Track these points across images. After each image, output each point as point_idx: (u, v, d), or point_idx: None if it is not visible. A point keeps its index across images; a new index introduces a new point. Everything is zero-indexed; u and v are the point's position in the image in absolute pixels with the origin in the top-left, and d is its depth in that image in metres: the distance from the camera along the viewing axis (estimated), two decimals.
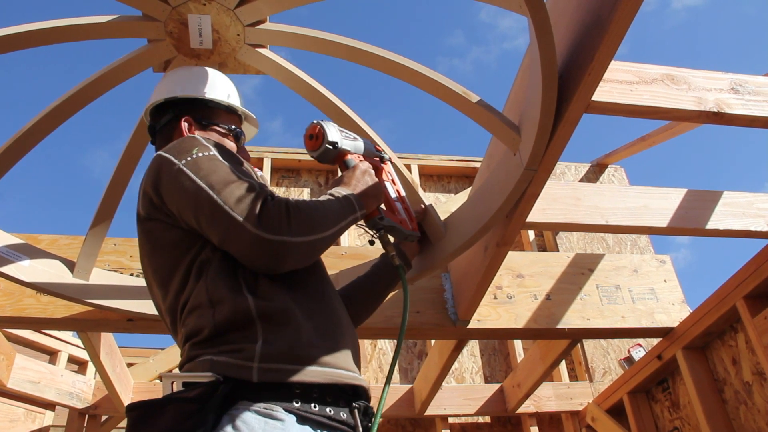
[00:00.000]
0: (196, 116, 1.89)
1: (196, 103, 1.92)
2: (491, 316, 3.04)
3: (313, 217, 1.49)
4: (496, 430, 4.43)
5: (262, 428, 1.24)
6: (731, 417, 3.08)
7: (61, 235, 3.07)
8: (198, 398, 1.25)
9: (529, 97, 2.03)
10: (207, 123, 1.90)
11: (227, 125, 1.94)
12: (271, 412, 1.27)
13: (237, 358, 1.32)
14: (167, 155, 1.58)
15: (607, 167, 5.63)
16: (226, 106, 1.97)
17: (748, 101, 2.23)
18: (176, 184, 1.50)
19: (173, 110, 1.92)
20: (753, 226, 2.93)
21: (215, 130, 1.91)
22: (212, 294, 1.41)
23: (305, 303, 1.48)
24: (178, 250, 1.52)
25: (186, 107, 1.91)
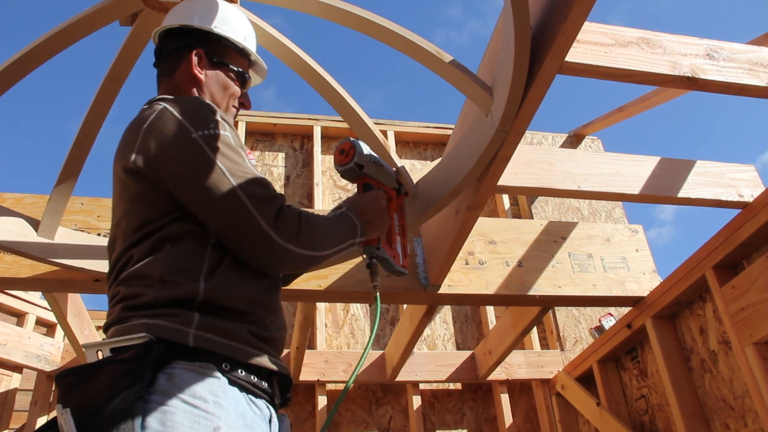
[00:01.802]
0: (208, 50, 1.81)
1: (210, 38, 1.83)
2: (462, 281, 3.04)
3: (320, 235, 1.52)
4: (467, 397, 4.46)
5: (199, 385, 1.24)
6: (697, 385, 3.12)
7: (27, 194, 2.99)
8: (133, 358, 1.23)
9: (502, 58, 2.00)
10: (217, 60, 1.82)
11: (237, 67, 1.86)
12: (207, 371, 1.28)
13: (173, 322, 1.31)
14: (183, 119, 1.50)
15: (584, 138, 5.62)
16: (240, 48, 1.88)
17: (723, 67, 2.22)
18: (188, 156, 1.45)
19: (185, 39, 1.82)
20: (724, 195, 2.95)
21: (224, 69, 1.83)
22: (165, 273, 1.38)
23: (256, 297, 1.47)
24: (152, 211, 1.48)
25: (199, 39, 1.82)
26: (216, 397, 1.25)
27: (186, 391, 1.22)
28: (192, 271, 1.39)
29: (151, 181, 1.47)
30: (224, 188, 1.42)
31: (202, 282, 1.38)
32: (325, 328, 4.48)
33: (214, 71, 1.81)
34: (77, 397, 1.20)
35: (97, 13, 2.15)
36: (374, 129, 2.49)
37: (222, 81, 1.81)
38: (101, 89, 2.33)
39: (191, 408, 1.21)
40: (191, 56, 1.78)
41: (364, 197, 1.82)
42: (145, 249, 1.43)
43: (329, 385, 4.21)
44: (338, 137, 5.38)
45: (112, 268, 1.51)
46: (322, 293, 2.91)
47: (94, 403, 1.18)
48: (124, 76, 2.32)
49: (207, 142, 1.47)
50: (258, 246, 1.42)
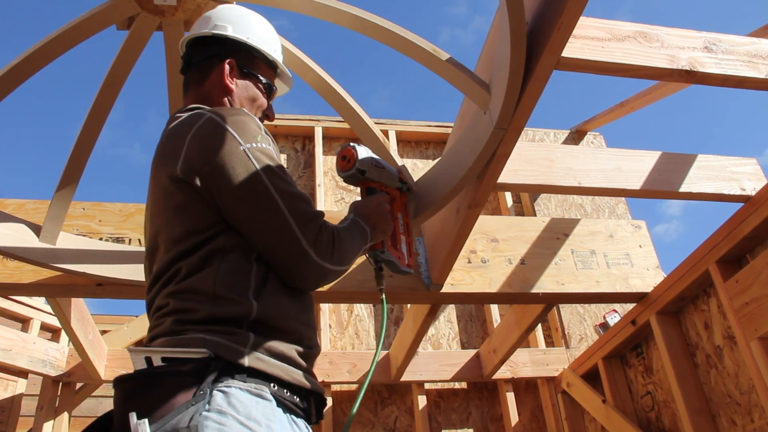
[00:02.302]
0: (239, 61, 1.80)
1: (242, 48, 1.81)
2: (465, 280, 3.03)
3: (348, 250, 1.58)
4: (472, 396, 4.45)
5: (253, 406, 1.27)
6: (702, 381, 3.11)
7: (29, 200, 3.00)
8: (194, 372, 1.25)
9: (499, 55, 1.99)
10: (248, 71, 1.81)
11: (266, 79, 1.85)
12: (261, 392, 1.30)
13: (230, 341, 1.32)
14: (231, 131, 1.50)
15: (586, 134, 5.60)
16: (270, 60, 1.87)
17: (722, 60, 2.21)
18: (237, 170, 1.46)
19: (217, 47, 1.81)
20: (726, 189, 2.93)
21: (253, 81, 1.82)
22: (218, 289, 1.39)
23: (299, 315, 1.50)
24: (197, 221, 1.47)
25: (231, 48, 1.80)
26: (268, 421, 1.27)
27: (242, 412, 1.24)
28: (242, 287, 1.41)
29: (196, 190, 1.47)
30: (270, 206, 1.45)
31: (252, 300, 1.40)
32: (330, 329, 4.47)
33: (244, 82, 1.80)
34: (141, 404, 1.21)
35: (93, 18, 2.15)
36: (375, 129, 2.49)
37: (251, 92, 1.80)
38: (100, 93, 2.34)
39: (246, 429, 1.22)
40: (223, 65, 1.77)
41: (368, 202, 1.84)
42: (195, 262, 1.43)
43: (334, 386, 4.21)
44: (339, 138, 5.38)
45: (157, 278, 1.50)
46: (326, 294, 2.91)
47: (158, 412, 1.19)
48: (123, 80, 2.33)
49: (255, 156, 1.48)
50: (297, 264, 1.46)
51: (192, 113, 1.61)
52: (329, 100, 2.43)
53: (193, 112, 1.62)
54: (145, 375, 1.27)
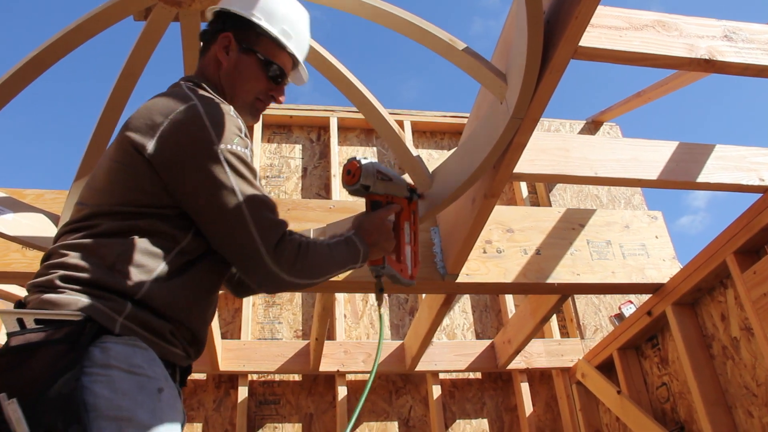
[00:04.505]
0: (239, 35, 1.75)
1: (245, 24, 1.76)
2: (480, 270, 3.03)
3: (318, 265, 1.59)
4: (487, 386, 4.46)
5: (132, 354, 1.31)
6: (718, 372, 3.09)
7: (47, 190, 3.03)
8: (67, 338, 1.26)
9: (516, 44, 1.98)
10: (246, 47, 1.75)
11: (265, 56, 1.77)
12: (137, 343, 1.34)
13: (106, 306, 1.33)
14: (210, 126, 1.49)
15: (602, 124, 5.57)
16: (274, 39, 1.78)
17: (742, 49, 2.19)
18: (205, 167, 1.46)
19: (223, 22, 1.78)
20: (744, 179, 2.90)
21: (252, 57, 1.76)
22: (119, 263, 1.39)
23: (193, 309, 1.50)
24: (142, 197, 1.47)
25: (235, 24, 1.76)
26: (150, 365, 1.33)
27: (124, 361, 1.28)
28: (144, 269, 1.40)
29: (157, 173, 1.46)
30: (233, 208, 1.45)
31: (148, 282, 1.39)
32: (345, 318, 4.49)
33: (241, 57, 1.76)
34: (15, 380, 1.21)
35: (111, 9, 2.17)
36: (390, 120, 2.49)
37: (244, 68, 1.76)
38: (117, 84, 2.35)
39: (133, 375, 1.28)
40: (219, 38, 1.76)
41: (372, 219, 1.86)
42: (115, 227, 1.44)
43: (349, 375, 4.23)
44: (355, 128, 5.39)
45: (72, 223, 1.50)
46: (341, 284, 2.92)
47: (34, 387, 1.19)
48: (140, 71, 2.34)
49: (226, 157, 1.47)
50: (253, 269, 1.50)
51: (181, 90, 1.61)
52: (344, 91, 2.43)
53: (181, 90, 1.61)
54: (17, 350, 1.25)
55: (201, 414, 4.02)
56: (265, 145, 5.17)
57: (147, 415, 1.26)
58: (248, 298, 4.33)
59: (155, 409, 1.28)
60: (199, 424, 3.98)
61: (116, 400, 1.23)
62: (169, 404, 1.34)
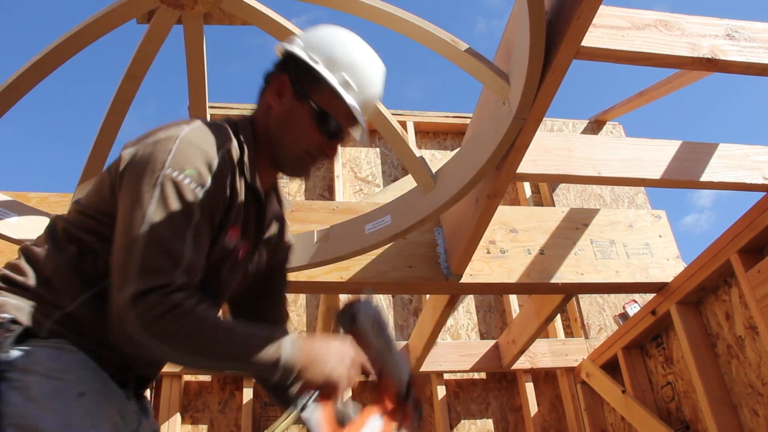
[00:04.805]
0: (297, 80, 1.58)
1: (306, 67, 1.56)
2: (484, 270, 3.03)
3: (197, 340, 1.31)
4: (492, 386, 4.46)
5: (55, 358, 1.28)
6: (723, 371, 3.09)
7: (51, 193, 3.05)
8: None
9: (518, 45, 1.99)
10: (301, 93, 1.57)
11: (320, 107, 1.56)
12: (62, 346, 1.30)
13: (34, 310, 1.32)
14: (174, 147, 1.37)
15: (605, 124, 5.56)
16: (334, 91, 1.55)
17: (744, 47, 2.19)
18: (139, 183, 1.36)
19: (285, 64, 1.62)
20: (748, 178, 2.90)
21: (307, 105, 1.56)
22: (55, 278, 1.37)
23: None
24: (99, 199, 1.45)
25: (297, 67, 1.58)
26: (74, 367, 1.29)
27: (43, 365, 1.26)
28: (76, 291, 1.37)
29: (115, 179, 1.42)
30: (133, 229, 1.31)
31: (77, 304, 1.36)
32: None
33: (294, 104, 1.58)
34: None
35: (114, 12, 2.18)
36: (392, 120, 2.49)
37: (298, 117, 1.58)
38: (120, 87, 2.36)
39: (51, 380, 1.25)
40: (273, 80, 1.61)
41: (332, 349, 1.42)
42: (65, 237, 1.43)
43: None
44: None
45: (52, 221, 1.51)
46: (345, 285, 2.93)
47: None
48: (143, 74, 2.35)
49: (162, 182, 1.33)
50: (113, 302, 1.29)
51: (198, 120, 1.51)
52: None
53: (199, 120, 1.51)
54: None
55: (206, 416, 4.03)
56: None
57: (56, 423, 1.21)
58: None
59: (69, 416, 1.23)
60: (204, 425, 3.99)
61: (25, 407, 1.21)
62: (89, 410, 1.27)
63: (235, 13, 2.24)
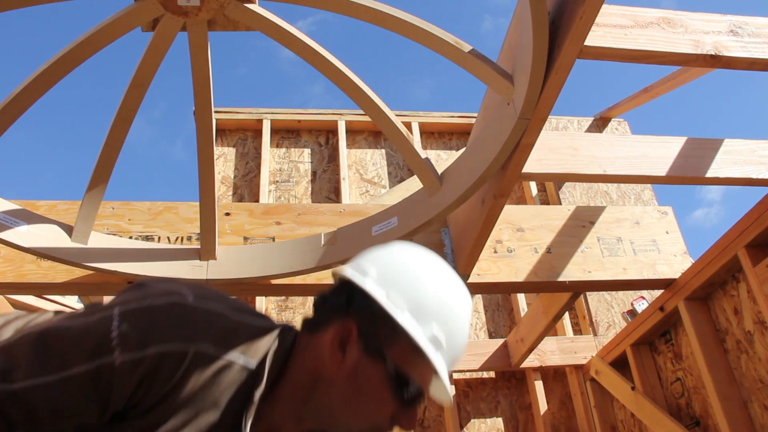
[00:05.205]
0: (368, 330, 1.21)
1: (381, 313, 1.19)
2: (491, 270, 3.04)
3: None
4: (501, 385, 4.46)
5: None
6: (733, 366, 3.08)
7: (60, 201, 3.07)
8: None
9: (521, 45, 1.99)
10: (375, 349, 1.21)
11: (401, 373, 1.21)
12: None
13: None
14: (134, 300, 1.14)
15: (610, 121, 5.56)
16: (418, 347, 1.19)
17: (748, 43, 2.19)
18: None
19: (349, 297, 1.24)
20: (754, 173, 2.90)
21: (381, 366, 1.20)
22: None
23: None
24: None
25: (366, 307, 1.21)
26: None
27: None
28: None
29: None
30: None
31: None
32: None
33: (363, 362, 1.20)
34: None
35: (119, 21, 2.19)
36: (397, 122, 2.50)
37: (368, 381, 1.21)
38: (126, 95, 2.37)
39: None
40: (337, 328, 1.22)
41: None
42: None
43: None
44: (363, 131, 5.40)
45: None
46: None
47: None
48: (148, 82, 2.36)
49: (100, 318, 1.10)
50: None
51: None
52: (351, 95, 2.44)
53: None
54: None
55: None
56: (273, 150, 5.19)
57: None
58: (260, 302, 4.35)
59: None
60: None
61: None
62: None
63: (239, 19, 2.25)
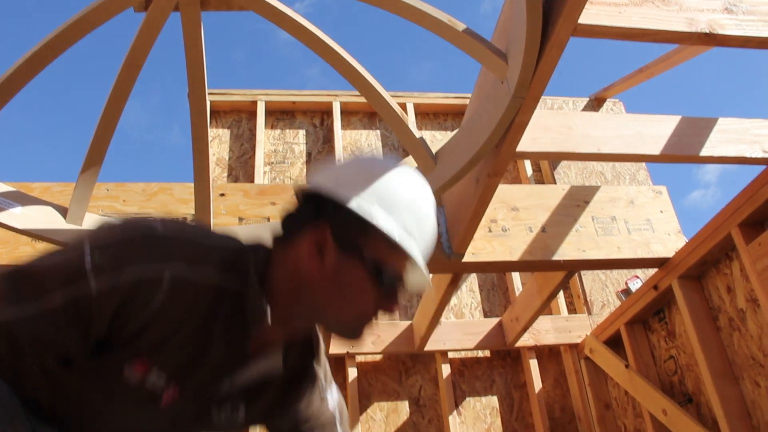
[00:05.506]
0: (341, 232, 1.27)
1: (352, 216, 1.25)
2: (486, 249, 3.05)
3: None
4: (496, 364, 4.49)
5: None
6: (725, 344, 3.11)
7: (54, 182, 3.06)
8: None
9: (515, 23, 1.99)
10: (351, 247, 1.27)
11: (379, 263, 1.28)
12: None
13: None
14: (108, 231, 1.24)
15: (605, 101, 5.55)
16: (392, 240, 1.25)
17: (743, 21, 2.18)
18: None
19: (317, 206, 1.30)
20: (748, 152, 2.90)
21: (358, 261, 1.27)
22: None
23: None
24: None
25: (336, 212, 1.26)
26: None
27: None
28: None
29: None
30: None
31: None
32: None
33: (341, 262, 1.27)
34: None
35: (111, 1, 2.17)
36: (392, 102, 2.49)
37: (349, 277, 1.28)
38: (120, 76, 2.36)
39: None
40: (310, 234, 1.28)
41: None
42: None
43: (359, 357, 4.26)
44: (358, 112, 5.39)
45: None
46: None
47: None
48: (141, 62, 2.35)
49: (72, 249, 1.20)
50: None
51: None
52: (346, 76, 2.44)
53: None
54: None
55: None
56: (268, 132, 5.18)
57: None
58: None
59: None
60: None
61: None
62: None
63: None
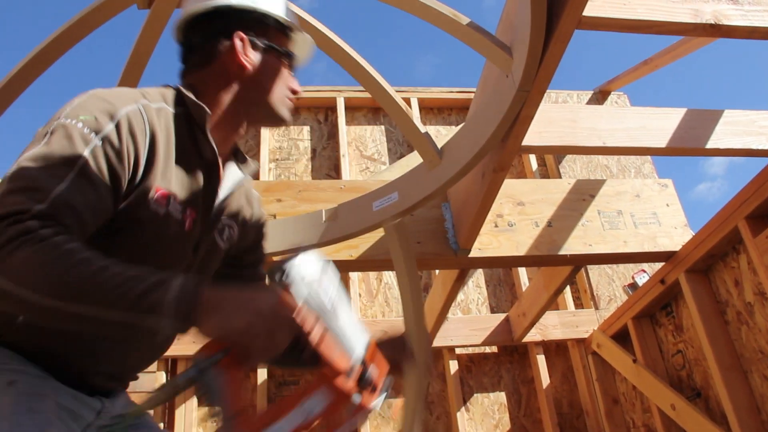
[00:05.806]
0: (251, 34, 1.50)
1: (251, 17, 1.51)
2: (492, 244, 3.04)
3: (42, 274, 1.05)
4: (503, 360, 4.49)
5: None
6: (733, 338, 3.10)
7: None
8: None
9: (520, 17, 1.98)
10: (265, 44, 1.51)
11: (286, 49, 1.55)
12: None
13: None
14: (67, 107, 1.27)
15: (609, 94, 5.53)
16: (284, 25, 1.55)
17: (748, 11, 2.17)
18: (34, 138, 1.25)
19: (219, 23, 1.49)
20: (754, 144, 2.89)
21: (273, 54, 1.52)
22: None
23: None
24: None
25: (236, 21, 1.50)
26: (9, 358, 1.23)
27: None
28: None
29: None
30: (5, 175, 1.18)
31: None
32: (359, 297, 4.52)
33: (261, 57, 1.51)
34: None
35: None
36: (396, 97, 2.49)
37: (273, 67, 1.53)
38: (124, 74, 2.37)
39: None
40: (233, 41, 1.48)
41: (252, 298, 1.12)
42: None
43: None
44: (362, 107, 5.38)
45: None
46: (354, 263, 2.94)
47: None
48: (146, 58, 2.36)
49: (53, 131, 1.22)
50: None
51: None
52: (350, 71, 2.44)
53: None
54: None
55: None
56: (273, 128, 5.18)
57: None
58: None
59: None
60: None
61: None
62: (17, 400, 1.15)
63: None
